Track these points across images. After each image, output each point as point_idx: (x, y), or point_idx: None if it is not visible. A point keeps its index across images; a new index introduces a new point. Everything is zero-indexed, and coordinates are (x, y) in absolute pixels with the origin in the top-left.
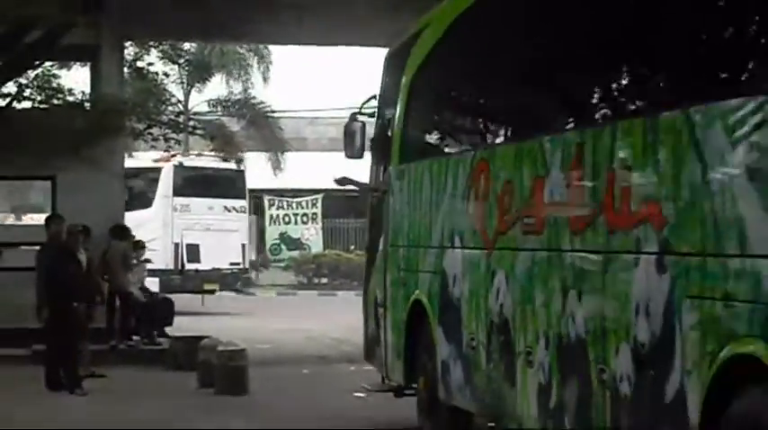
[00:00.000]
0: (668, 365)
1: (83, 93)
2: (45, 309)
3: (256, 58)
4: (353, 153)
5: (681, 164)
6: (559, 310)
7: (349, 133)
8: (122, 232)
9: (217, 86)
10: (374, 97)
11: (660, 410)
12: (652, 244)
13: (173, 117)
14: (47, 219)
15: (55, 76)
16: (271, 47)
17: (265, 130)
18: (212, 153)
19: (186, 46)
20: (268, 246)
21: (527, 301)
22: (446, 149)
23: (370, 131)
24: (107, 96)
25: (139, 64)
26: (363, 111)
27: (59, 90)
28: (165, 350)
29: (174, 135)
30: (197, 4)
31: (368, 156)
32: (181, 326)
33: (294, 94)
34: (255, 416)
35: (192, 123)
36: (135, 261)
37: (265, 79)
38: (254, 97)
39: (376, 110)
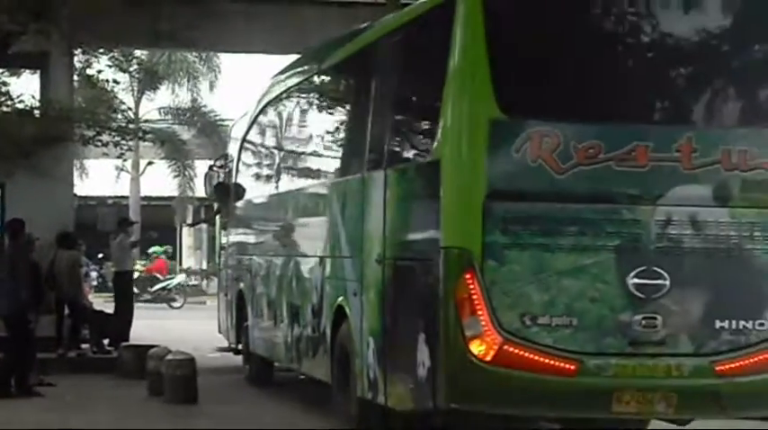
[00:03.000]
0: (320, 313)
1: (33, 98)
2: (9, 317)
3: (206, 65)
4: (210, 194)
5: (327, 213)
6: (289, 289)
7: (207, 180)
8: (69, 241)
9: (167, 94)
10: (223, 155)
11: (319, 337)
12: (319, 252)
13: (122, 124)
14: (7, 225)
15: (4, 83)
16: (220, 55)
17: (214, 138)
18: None
19: (137, 53)
20: (218, 255)
21: (279, 286)
22: (252, 195)
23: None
24: (57, 103)
25: (89, 71)
26: (217, 164)
27: (9, 97)
28: (114, 359)
29: (124, 141)
30: (146, 11)
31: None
32: (133, 335)
33: (244, 101)
34: (205, 424)
35: (142, 129)
36: (84, 269)
37: (213, 87)
38: (204, 105)
39: (225, 163)
